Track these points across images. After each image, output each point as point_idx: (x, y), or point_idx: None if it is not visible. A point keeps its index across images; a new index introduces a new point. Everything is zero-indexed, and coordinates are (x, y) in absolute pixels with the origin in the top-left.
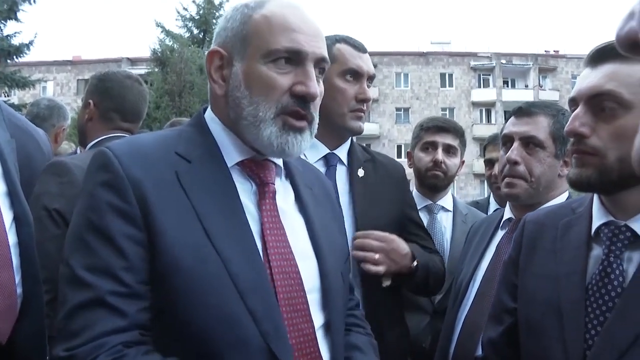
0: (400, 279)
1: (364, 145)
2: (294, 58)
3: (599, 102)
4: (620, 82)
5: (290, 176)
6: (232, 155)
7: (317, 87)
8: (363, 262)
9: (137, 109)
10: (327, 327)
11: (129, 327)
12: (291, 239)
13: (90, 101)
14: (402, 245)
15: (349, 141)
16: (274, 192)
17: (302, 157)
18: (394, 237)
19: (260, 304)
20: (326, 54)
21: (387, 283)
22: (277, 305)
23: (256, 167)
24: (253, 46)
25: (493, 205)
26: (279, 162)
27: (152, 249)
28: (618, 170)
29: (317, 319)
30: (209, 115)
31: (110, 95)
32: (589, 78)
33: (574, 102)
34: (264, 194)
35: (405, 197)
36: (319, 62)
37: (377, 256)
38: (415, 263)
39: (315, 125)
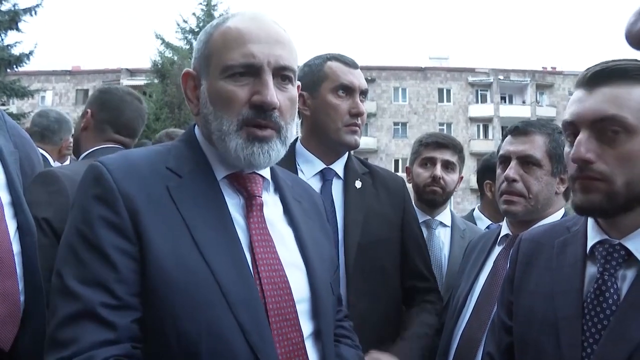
0: None
1: (362, 159)
2: (250, 70)
3: (602, 127)
4: (623, 106)
5: (279, 190)
6: (219, 169)
7: (274, 95)
8: None
9: (133, 125)
10: (317, 335)
11: (120, 339)
12: (280, 250)
13: (89, 110)
14: None
15: (346, 155)
16: (262, 205)
17: (300, 173)
18: None
19: (249, 316)
20: (288, 62)
21: None
22: (266, 316)
23: (243, 181)
24: (213, 64)
25: (481, 221)
26: (267, 175)
27: (143, 261)
28: (625, 194)
29: (307, 327)
30: (198, 131)
31: (107, 107)
32: (587, 102)
33: (572, 125)
34: (252, 207)
35: (406, 209)
36: (280, 70)
37: None
38: None
39: (288, 134)
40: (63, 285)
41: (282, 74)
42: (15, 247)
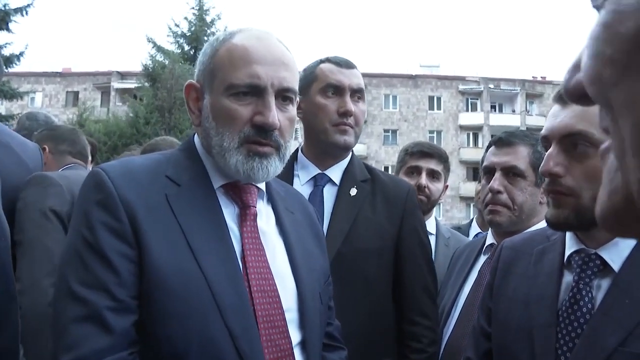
0: None
1: (368, 165)
2: (253, 91)
3: (571, 142)
4: (591, 122)
5: (271, 200)
6: (216, 179)
7: (275, 117)
8: None
9: (85, 152)
10: (304, 344)
11: (118, 346)
12: (271, 260)
13: (45, 147)
14: None
15: (345, 160)
16: (255, 215)
17: (296, 179)
18: None
19: (239, 322)
20: (291, 84)
21: None
22: (256, 323)
23: (238, 191)
24: (218, 79)
25: (474, 229)
26: (262, 186)
27: (141, 265)
28: (593, 209)
29: (294, 336)
30: (197, 140)
31: (62, 139)
32: (560, 117)
33: (546, 139)
34: (246, 216)
35: (405, 219)
36: (282, 92)
37: None
38: None
39: (285, 152)
40: (68, 288)
41: (284, 95)
42: None
